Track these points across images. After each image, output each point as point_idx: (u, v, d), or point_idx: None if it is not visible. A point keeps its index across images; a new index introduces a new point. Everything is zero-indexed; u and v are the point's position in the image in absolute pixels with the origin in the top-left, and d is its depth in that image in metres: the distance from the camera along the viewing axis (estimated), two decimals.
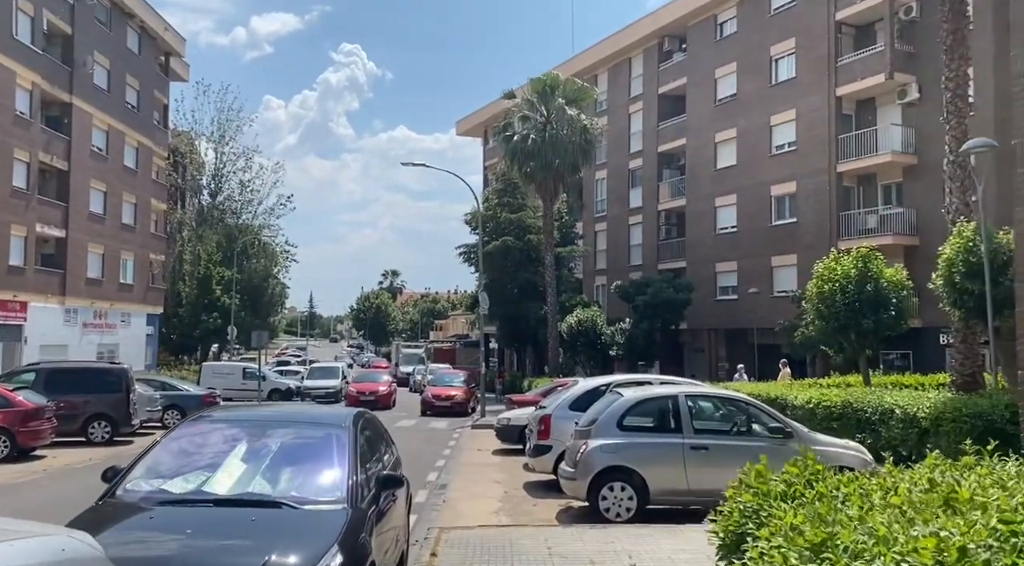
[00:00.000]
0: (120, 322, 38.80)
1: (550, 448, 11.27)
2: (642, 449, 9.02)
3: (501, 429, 16.52)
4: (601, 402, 10.00)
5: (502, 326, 40.72)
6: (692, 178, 37.35)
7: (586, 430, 9.33)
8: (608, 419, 9.18)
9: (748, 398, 9.74)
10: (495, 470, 13.88)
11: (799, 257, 31.37)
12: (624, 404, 9.26)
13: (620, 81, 42.45)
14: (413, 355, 54.69)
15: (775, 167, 32.54)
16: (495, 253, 36.96)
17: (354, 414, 5.83)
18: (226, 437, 5.33)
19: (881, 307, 16.23)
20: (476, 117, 55.59)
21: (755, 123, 33.54)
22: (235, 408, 6.66)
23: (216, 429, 5.50)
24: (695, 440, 8.98)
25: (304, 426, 5.62)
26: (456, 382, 29.55)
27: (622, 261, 41.62)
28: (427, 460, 15.13)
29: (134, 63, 39.50)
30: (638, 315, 34.18)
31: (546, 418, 11.42)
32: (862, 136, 29.56)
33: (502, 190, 39.85)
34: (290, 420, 5.89)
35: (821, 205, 30.58)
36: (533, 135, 31.43)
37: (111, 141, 37.28)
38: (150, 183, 42.20)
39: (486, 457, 15.81)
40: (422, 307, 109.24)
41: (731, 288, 34.88)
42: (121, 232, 38.62)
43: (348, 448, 5.20)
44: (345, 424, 5.51)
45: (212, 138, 57.54)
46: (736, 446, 9.06)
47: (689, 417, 9.11)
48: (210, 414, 6.04)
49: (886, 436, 12.53)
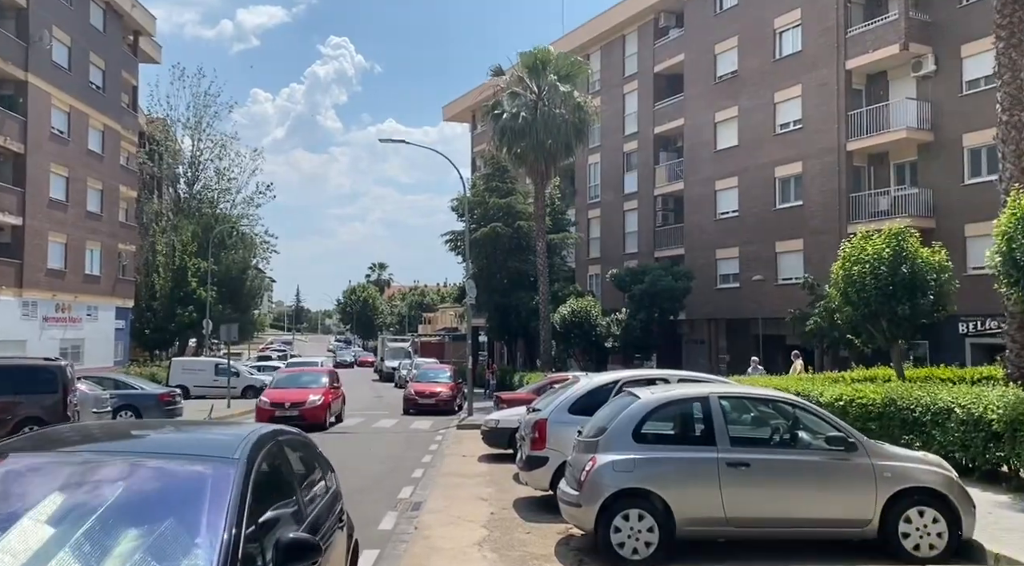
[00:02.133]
0: (86, 316, 36.57)
1: (546, 460, 9.29)
2: (665, 466, 7.04)
3: (488, 432, 14.54)
4: (611, 405, 8.00)
5: (492, 318, 38.66)
6: (690, 161, 35.43)
7: (592, 442, 7.35)
8: (621, 428, 7.19)
9: (798, 399, 7.77)
10: (481, 482, 11.89)
11: (806, 242, 29.57)
12: (641, 408, 7.26)
13: (614, 60, 40.44)
14: (399, 349, 52.64)
15: (780, 147, 30.65)
16: (483, 240, 34.94)
17: (256, 438, 3.82)
18: (32, 482, 3.32)
19: (918, 291, 14.34)
20: (464, 101, 53.44)
21: (758, 101, 31.64)
22: (75, 430, 4.52)
23: (22, 467, 3.46)
24: (733, 454, 7.01)
25: (168, 460, 3.60)
26: (441, 378, 27.48)
27: (617, 249, 39.69)
28: (403, 470, 13.14)
29: (98, 41, 37.14)
30: (635, 305, 32.28)
31: (541, 424, 9.42)
32: (873, 112, 27.69)
33: (490, 174, 37.80)
34: (149, 450, 3.84)
35: (829, 186, 28.72)
36: (524, 113, 29.38)
37: (73, 123, 34.96)
38: (118, 169, 39.89)
39: (471, 465, 13.82)
40: (410, 300, 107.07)
41: (732, 276, 33.03)
42: (86, 220, 36.33)
43: (230, 499, 3.22)
44: (235, 455, 3.53)
45: (188, 124, 55.34)
46: (785, 461, 7.11)
47: (724, 425, 7.14)
48: (21, 442, 3.94)
49: (941, 440, 10.65)
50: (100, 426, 4.76)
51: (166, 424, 4.95)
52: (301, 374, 23.68)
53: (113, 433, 4.43)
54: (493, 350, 49.81)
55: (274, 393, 21.15)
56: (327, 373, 23.01)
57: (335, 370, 24.05)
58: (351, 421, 22.49)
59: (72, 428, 4.58)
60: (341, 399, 22.76)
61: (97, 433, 4.41)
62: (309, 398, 20.31)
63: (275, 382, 23.04)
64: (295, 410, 19.73)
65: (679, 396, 7.50)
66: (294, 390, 21.01)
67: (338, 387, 22.71)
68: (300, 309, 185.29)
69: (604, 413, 7.81)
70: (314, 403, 20.27)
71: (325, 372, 23.52)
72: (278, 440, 4.10)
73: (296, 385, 21.67)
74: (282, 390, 21.26)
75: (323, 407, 20.36)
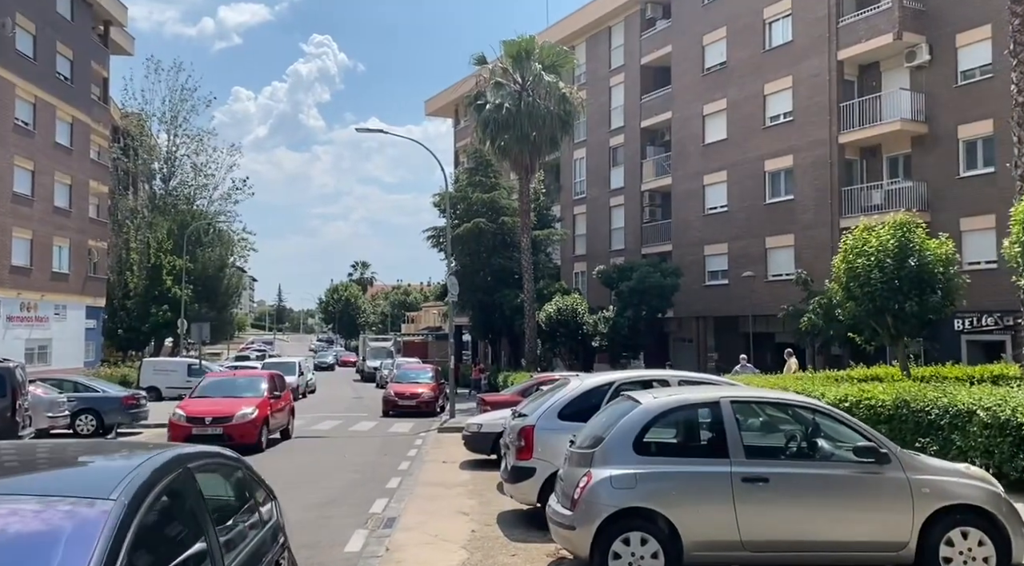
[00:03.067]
0: (54, 315, 35.21)
1: (533, 471, 8.34)
2: (671, 482, 6.11)
3: (470, 438, 13.58)
4: (607, 412, 7.06)
5: (475, 316, 37.73)
6: (678, 155, 34.62)
7: (587, 454, 6.41)
8: (621, 438, 6.25)
9: (820, 404, 6.85)
10: (462, 493, 10.93)
11: (797, 237, 28.85)
12: (643, 416, 6.33)
13: (599, 52, 39.56)
14: (381, 349, 51.45)
15: (770, 140, 29.91)
16: (466, 236, 33.94)
17: (149, 470, 2.81)
18: None
19: (926, 286, 13.56)
20: (446, 95, 52.38)
21: (747, 93, 30.88)
22: None
23: None
24: (749, 468, 6.10)
25: (19, 503, 2.60)
26: (423, 378, 26.44)
27: (603, 245, 38.83)
28: (378, 479, 12.15)
29: (65, 30, 35.75)
30: (622, 302, 31.41)
31: (527, 431, 8.46)
32: (866, 104, 27.00)
33: (474, 169, 36.78)
34: None
35: (821, 180, 28.00)
36: (507, 104, 28.40)
37: (39, 115, 33.60)
38: (88, 163, 38.50)
39: (452, 473, 12.86)
40: (393, 299, 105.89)
41: (721, 273, 32.26)
42: (53, 216, 34.96)
43: (93, 558, 2.25)
44: (111, 495, 2.55)
45: (164, 119, 53.92)
46: (809, 476, 6.20)
47: (738, 434, 6.22)
48: None
49: (961, 446, 9.83)
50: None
51: (37, 447, 3.85)
52: (234, 380, 18.53)
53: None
54: (477, 349, 48.84)
55: (194, 405, 16.45)
56: (268, 378, 18.08)
57: (279, 375, 19.79)
58: (325, 425, 21.40)
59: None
60: (287, 411, 18.26)
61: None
62: (239, 412, 15.69)
63: (198, 389, 17.74)
64: (218, 427, 15.31)
65: (686, 401, 6.57)
66: (220, 401, 16.35)
67: (280, 396, 17.82)
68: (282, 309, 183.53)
69: (600, 421, 6.88)
70: (245, 418, 15.61)
71: (265, 377, 18.35)
72: (187, 468, 3.12)
73: (224, 394, 16.88)
74: (205, 401, 16.56)
75: (255, 423, 15.65)
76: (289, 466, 13.64)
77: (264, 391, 17.05)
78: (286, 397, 18.64)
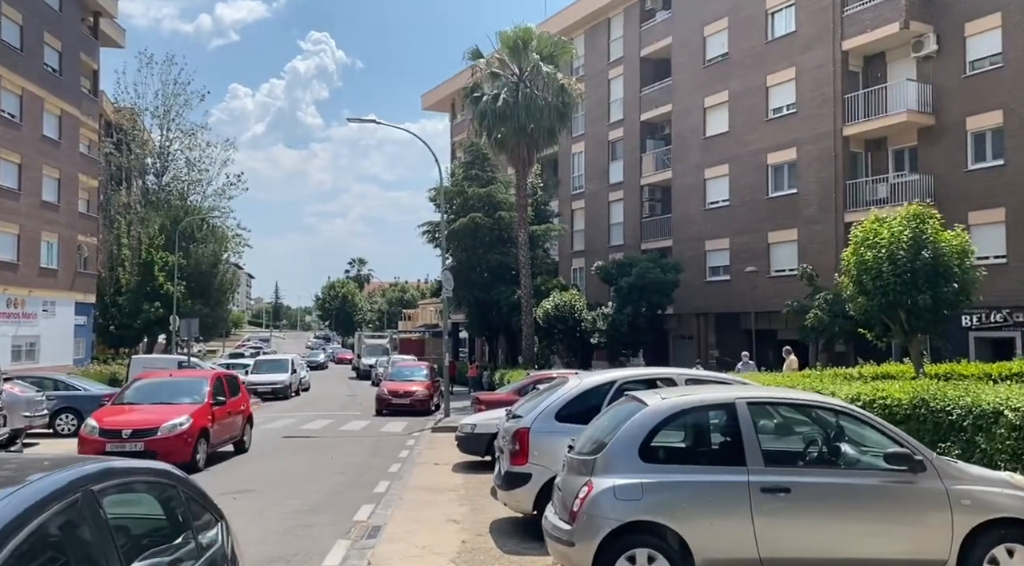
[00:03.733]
0: (42, 311, 34.52)
1: (528, 477, 7.70)
2: (682, 493, 5.48)
3: (464, 439, 12.95)
4: (610, 414, 6.42)
5: (472, 313, 37.08)
6: (679, 148, 33.98)
7: (588, 460, 5.77)
8: (625, 443, 5.61)
9: (847, 405, 6.21)
10: (453, 498, 10.30)
11: (800, 232, 28.23)
12: (650, 418, 5.69)
13: (598, 44, 38.89)
14: (377, 346, 50.81)
15: (772, 133, 29.27)
16: (462, 232, 33.28)
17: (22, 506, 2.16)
18: None
19: (941, 279, 12.94)
20: (443, 89, 51.71)
21: (749, 85, 30.24)
22: None
23: None
24: (768, 477, 5.47)
25: None
26: (417, 376, 25.80)
27: (601, 241, 38.19)
28: (365, 483, 11.50)
29: (53, 20, 35.02)
30: (621, 299, 30.78)
31: (522, 434, 7.82)
32: (871, 95, 26.37)
33: (470, 162, 36.12)
34: None
35: (825, 173, 27.37)
36: (504, 95, 27.72)
37: (26, 106, 32.87)
38: (78, 157, 37.78)
39: (444, 476, 12.22)
40: (391, 297, 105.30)
41: (723, 268, 31.64)
42: (41, 210, 34.26)
43: None
44: None
45: (157, 113, 53.18)
46: (835, 486, 5.56)
47: (756, 438, 5.59)
48: None
49: (986, 449, 9.15)
50: None
51: None
52: (168, 383, 14.86)
53: None
54: (474, 347, 48.22)
55: (112, 414, 13.26)
56: (212, 380, 14.54)
57: (231, 376, 16.39)
58: (316, 424, 20.75)
59: None
60: (240, 419, 15.09)
61: None
62: (166, 423, 12.62)
63: (123, 395, 14.51)
64: (138, 442, 12.25)
65: (698, 402, 5.92)
66: (147, 409, 13.29)
67: (225, 401, 14.25)
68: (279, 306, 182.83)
69: (602, 423, 6.24)
70: (173, 430, 12.53)
71: (208, 378, 14.72)
72: (89, 492, 2.47)
73: (155, 400, 13.65)
74: (127, 409, 13.44)
75: (187, 437, 12.61)
76: (272, 469, 13.00)
77: (204, 396, 13.71)
78: (238, 403, 15.22)
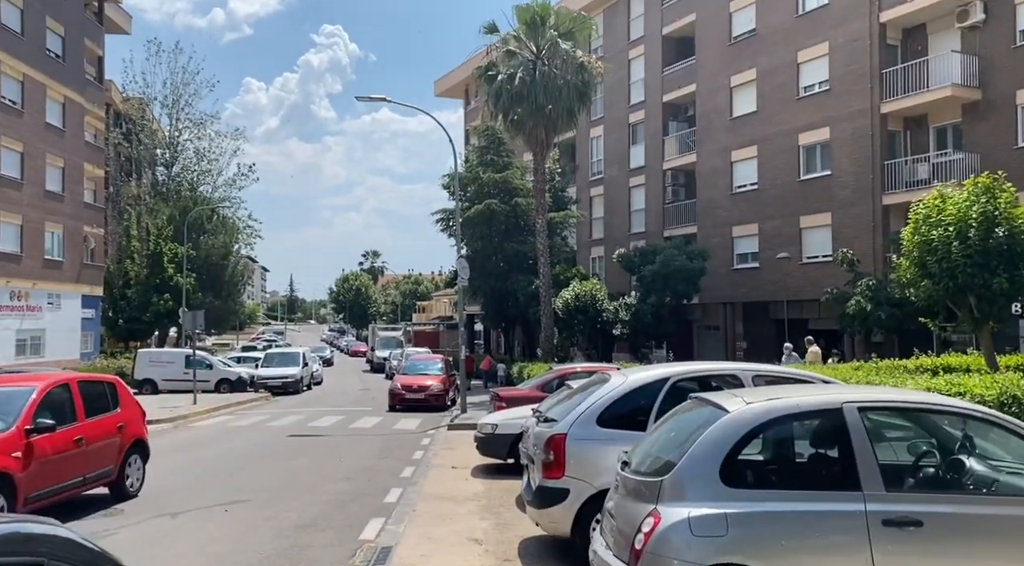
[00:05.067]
0: (47, 304, 33.60)
1: (566, 493, 6.42)
2: (779, 527, 4.18)
3: (484, 440, 11.70)
4: (676, 421, 5.12)
5: (487, 304, 35.83)
6: (703, 130, 32.48)
7: (652, 483, 4.47)
8: (702, 460, 4.31)
9: (991, 412, 4.85)
10: (474, 510, 9.05)
11: (834, 216, 26.72)
12: (734, 428, 4.39)
13: (617, 24, 37.37)
14: (391, 338, 49.71)
15: (804, 111, 27.74)
16: (478, 219, 31.98)
17: None
18: None
19: (1019, 259, 11.53)
20: (456, 74, 50.35)
21: (779, 61, 28.69)
22: None
23: None
24: (892, 506, 4.16)
25: None
26: (432, 369, 24.57)
27: (622, 228, 36.77)
28: (375, 491, 10.27)
29: (55, 4, 33.96)
30: (644, 288, 29.41)
31: (557, 442, 6.54)
32: (911, 69, 24.78)
33: (485, 147, 34.78)
34: None
35: (861, 154, 25.83)
36: (521, 74, 26.34)
37: (28, 93, 31.86)
38: (83, 145, 36.79)
39: (463, 482, 10.98)
40: (404, 289, 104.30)
41: (751, 255, 30.18)
42: (45, 200, 33.30)
43: None
44: None
45: (166, 103, 52.23)
46: (981, 518, 4.25)
47: (872, 455, 4.28)
48: None
49: None
50: None
51: None
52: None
53: None
54: (489, 339, 46.99)
55: None
56: (41, 391, 8.86)
57: (95, 380, 10.72)
58: (325, 421, 19.55)
59: None
60: (112, 450, 9.85)
61: None
62: None
63: None
64: None
65: (796, 408, 4.59)
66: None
67: (53, 427, 8.65)
68: (294, 299, 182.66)
69: (666, 434, 4.94)
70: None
71: (36, 388, 8.93)
72: None
73: None
74: None
75: None
76: (272, 473, 11.80)
77: (14, 420, 8.36)
78: (103, 426, 9.72)
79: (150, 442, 10.87)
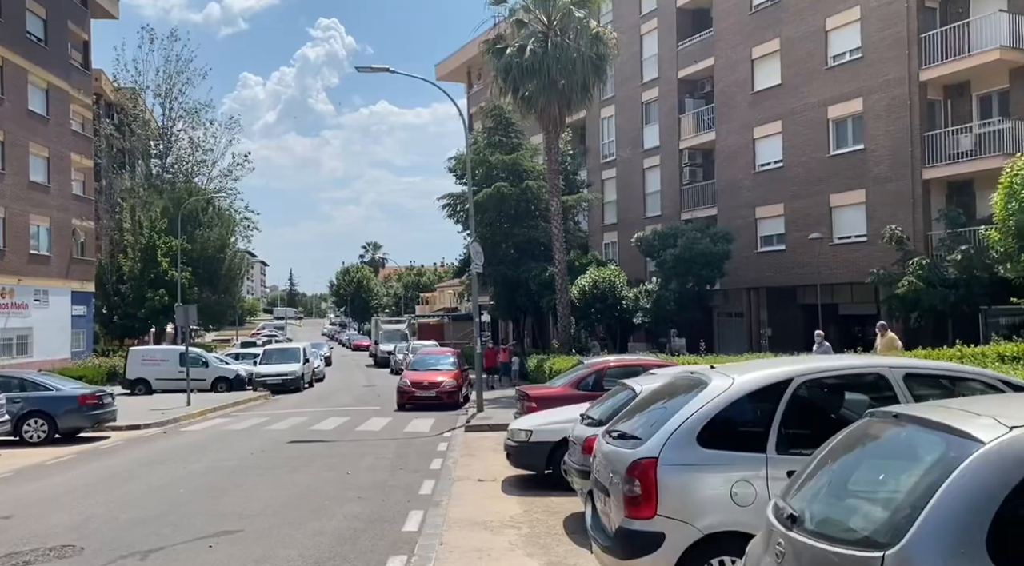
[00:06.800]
0: (34, 301, 31.96)
1: (660, 539, 4.74)
2: None
3: (517, 449, 10.02)
4: (863, 453, 3.40)
5: (497, 293, 34.14)
6: (723, 106, 30.70)
7: (862, 558, 2.77)
8: (953, 525, 2.62)
9: None
10: (516, 540, 7.37)
11: (868, 193, 25.02)
12: (1001, 472, 2.69)
13: None
14: (394, 332, 48.03)
15: (833, 82, 25.98)
16: (486, 203, 30.24)
17: None
18: None
19: None
20: (458, 57, 48.57)
21: (805, 29, 26.92)
22: None
23: None
24: None
25: None
26: (444, 365, 22.86)
27: (636, 212, 35.03)
28: (390, 516, 8.56)
29: None
30: (665, 273, 27.71)
31: (645, 468, 4.84)
32: (951, 33, 23.02)
33: (493, 128, 33.03)
34: None
35: (897, 125, 24.09)
36: (532, 46, 24.56)
37: (8, 78, 30.12)
38: (69, 134, 35.07)
39: (494, 500, 9.30)
40: (407, 281, 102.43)
41: (777, 237, 28.49)
42: (29, 192, 31.61)
43: None
44: None
45: (158, 92, 50.50)
46: None
47: None
48: None
49: None
50: None
51: None
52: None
53: None
54: (497, 330, 45.32)
55: None
56: None
57: None
58: (328, 424, 17.85)
59: None
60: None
61: None
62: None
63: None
64: None
65: None
66: None
67: None
68: (294, 293, 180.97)
69: (858, 474, 3.23)
70: None
71: None
72: None
73: None
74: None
75: None
76: (268, 493, 10.11)
77: None
78: None
79: (134, 450, 9.17)
